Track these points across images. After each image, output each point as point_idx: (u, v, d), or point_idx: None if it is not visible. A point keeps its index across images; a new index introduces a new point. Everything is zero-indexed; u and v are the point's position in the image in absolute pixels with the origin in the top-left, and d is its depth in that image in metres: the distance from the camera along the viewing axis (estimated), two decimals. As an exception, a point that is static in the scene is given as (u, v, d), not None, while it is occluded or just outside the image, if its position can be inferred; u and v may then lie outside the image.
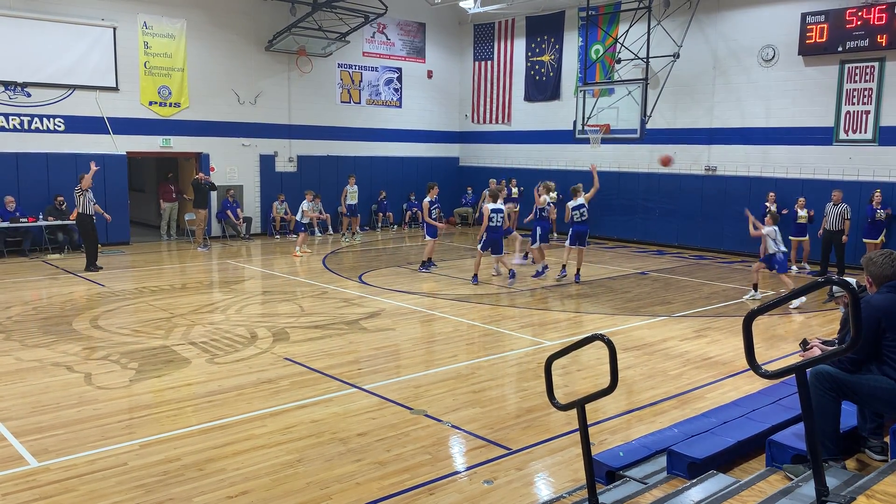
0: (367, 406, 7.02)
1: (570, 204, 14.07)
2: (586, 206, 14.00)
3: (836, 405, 4.63)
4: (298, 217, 18.09)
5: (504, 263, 14.37)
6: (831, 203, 15.06)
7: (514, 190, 21.92)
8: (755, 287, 12.78)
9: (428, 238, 15.32)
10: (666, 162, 13.86)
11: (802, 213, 15.67)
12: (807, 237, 15.76)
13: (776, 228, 12.22)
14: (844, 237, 14.86)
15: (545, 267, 14.61)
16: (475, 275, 13.85)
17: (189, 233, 19.48)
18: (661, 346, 9.47)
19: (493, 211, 13.54)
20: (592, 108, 19.34)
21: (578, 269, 14.18)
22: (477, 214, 16.00)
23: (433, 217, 15.48)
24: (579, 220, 13.96)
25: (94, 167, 14.83)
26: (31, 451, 5.83)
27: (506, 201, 21.80)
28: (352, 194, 20.34)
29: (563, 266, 14.31)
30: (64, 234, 17.00)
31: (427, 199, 15.41)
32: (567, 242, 14.30)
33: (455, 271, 15.16)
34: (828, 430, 4.60)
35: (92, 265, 14.62)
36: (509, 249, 15.83)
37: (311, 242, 18.86)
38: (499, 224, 13.70)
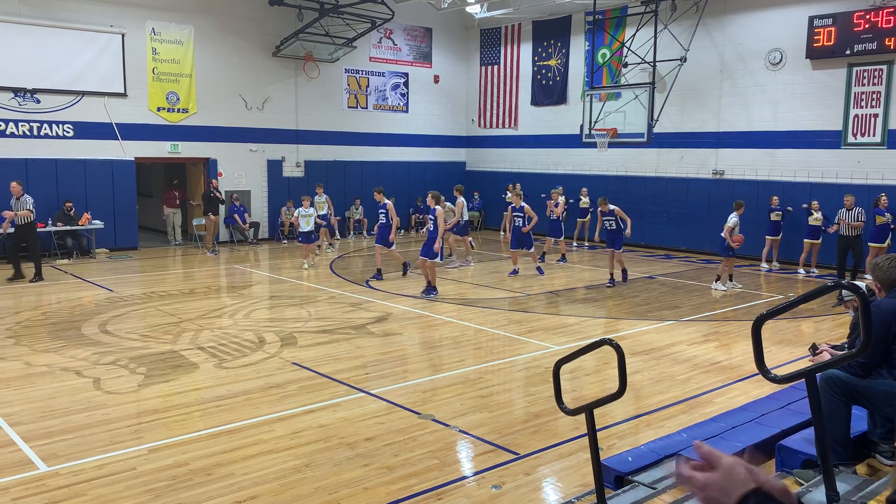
0: (374, 411, 7.02)
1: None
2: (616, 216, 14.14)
3: (847, 410, 4.61)
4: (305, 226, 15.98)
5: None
6: (844, 209, 14.56)
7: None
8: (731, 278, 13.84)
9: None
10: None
11: (817, 215, 15.58)
12: (819, 240, 15.67)
13: None
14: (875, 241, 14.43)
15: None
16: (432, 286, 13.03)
17: (197, 238, 19.54)
18: (669, 350, 9.44)
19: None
20: (599, 112, 19.33)
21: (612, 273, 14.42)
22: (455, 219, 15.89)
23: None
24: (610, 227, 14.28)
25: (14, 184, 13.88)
26: (41, 455, 5.85)
27: (507, 207, 21.99)
28: (319, 204, 18.48)
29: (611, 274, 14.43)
30: (73, 240, 17.08)
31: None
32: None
33: (462, 275, 15.16)
34: (838, 434, 4.58)
35: (39, 275, 13.93)
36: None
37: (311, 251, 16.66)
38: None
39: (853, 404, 4.64)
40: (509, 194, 18.05)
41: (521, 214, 14.80)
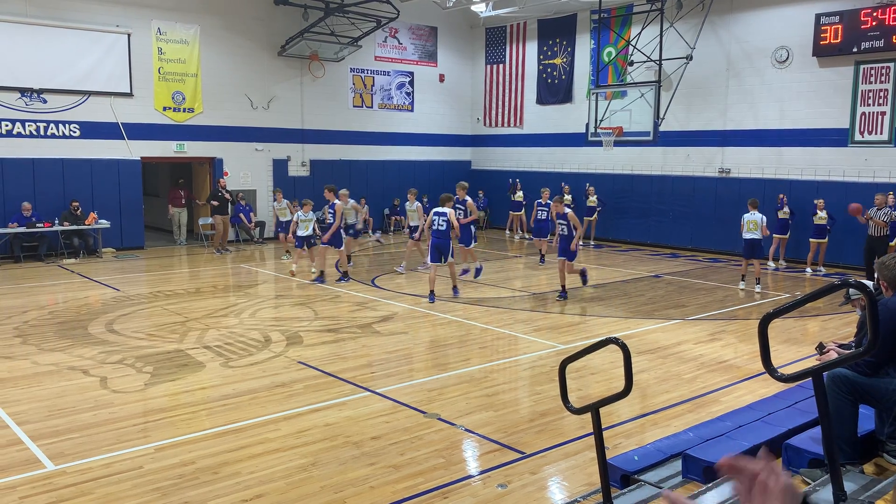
0: (380, 410, 7.02)
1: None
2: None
3: (854, 409, 4.60)
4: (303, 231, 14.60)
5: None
6: (875, 208, 13.79)
7: (519, 194, 21.95)
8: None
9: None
10: (856, 211, 13.42)
11: (822, 214, 15.51)
12: (825, 239, 15.61)
13: None
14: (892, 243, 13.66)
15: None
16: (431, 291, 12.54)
17: (202, 237, 19.59)
18: (675, 349, 9.42)
19: (435, 214, 12.54)
20: (605, 110, 19.29)
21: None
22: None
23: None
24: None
25: None
26: (48, 454, 5.87)
27: (513, 206, 22.01)
28: (281, 211, 17.60)
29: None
30: (80, 239, 17.14)
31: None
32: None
33: (468, 274, 15.14)
34: (845, 433, 4.56)
35: None
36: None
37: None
38: (441, 228, 12.50)
39: (860, 403, 4.62)
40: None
41: (565, 222, 12.59)
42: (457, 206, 13.91)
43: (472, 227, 14.38)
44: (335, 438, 6.26)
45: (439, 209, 12.57)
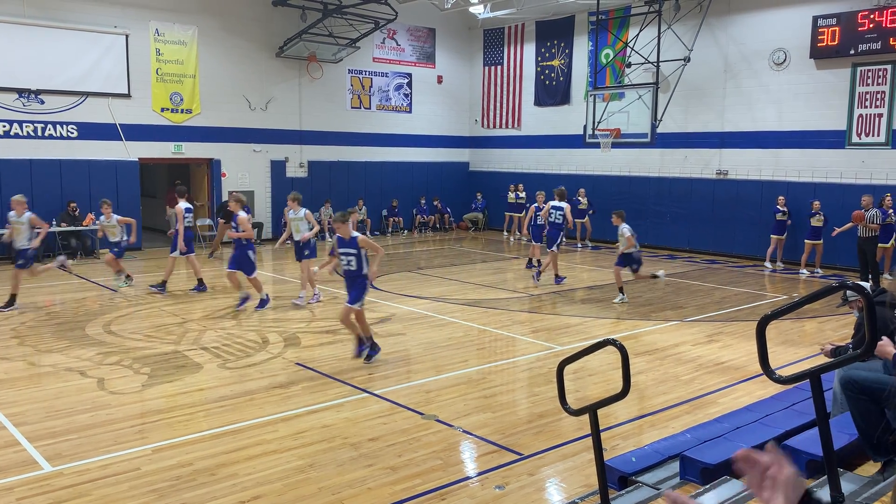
0: (378, 411, 7.02)
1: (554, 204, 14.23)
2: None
3: (877, 407, 4.55)
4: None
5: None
6: (862, 209, 13.97)
7: (522, 195, 21.97)
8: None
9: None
10: (858, 218, 13.59)
11: (818, 216, 15.53)
12: (821, 241, 15.63)
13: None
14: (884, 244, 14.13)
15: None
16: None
17: (200, 238, 19.55)
18: (672, 350, 9.43)
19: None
20: (603, 112, 19.29)
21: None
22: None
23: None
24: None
25: None
26: (45, 455, 5.86)
27: (511, 208, 21.99)
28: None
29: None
30: (77, 241, 17.12)
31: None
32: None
33: (466, 276, 15.15)
34: (871, 431, 4.52)
35: None
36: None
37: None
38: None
39: (876, 401, 4.57)
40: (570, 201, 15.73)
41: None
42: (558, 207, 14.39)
43: (561, 232, 14.29)
44: (333, 440, 6.25)
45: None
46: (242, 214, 11.72)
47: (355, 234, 8.49)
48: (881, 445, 4.57)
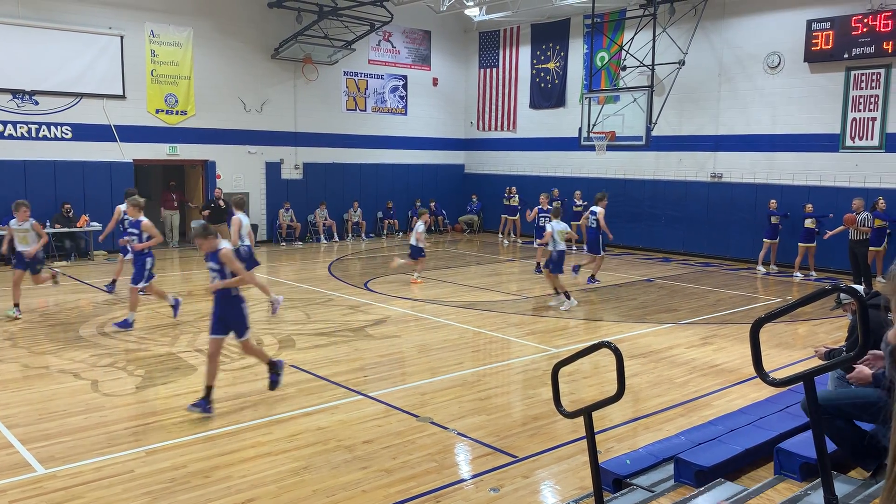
0: (372, 413, 7.01)
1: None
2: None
3: (846, 423, 4.58)
4: (415, 242, 14.49)
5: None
6: (853, 213, 14.07)
7: (515, 198, 21.99)
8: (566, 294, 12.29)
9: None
10: (850, 221, 13.75)
11: (812, 218, 15.58)
12: (814, 243, 15.68)
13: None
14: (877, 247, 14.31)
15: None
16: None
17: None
18: (667, 353, 9.44)
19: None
20: (598, 115, 19.34)
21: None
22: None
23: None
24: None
25: None
26: (38, 458, 5.83)
27: (507, 211, 22.02)
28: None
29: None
30: (71, 242, 17.06)
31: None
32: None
33: (461, 278, 15.15)
34: (852, 448, 4.55)
35: None
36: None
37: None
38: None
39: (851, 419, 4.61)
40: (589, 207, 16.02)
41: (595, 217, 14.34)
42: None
43: (599, 235, 14.40)
44: (327, 442, 6.25)
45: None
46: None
47: (222, 246, 7.01)
48: (868, 456, 4.59)
